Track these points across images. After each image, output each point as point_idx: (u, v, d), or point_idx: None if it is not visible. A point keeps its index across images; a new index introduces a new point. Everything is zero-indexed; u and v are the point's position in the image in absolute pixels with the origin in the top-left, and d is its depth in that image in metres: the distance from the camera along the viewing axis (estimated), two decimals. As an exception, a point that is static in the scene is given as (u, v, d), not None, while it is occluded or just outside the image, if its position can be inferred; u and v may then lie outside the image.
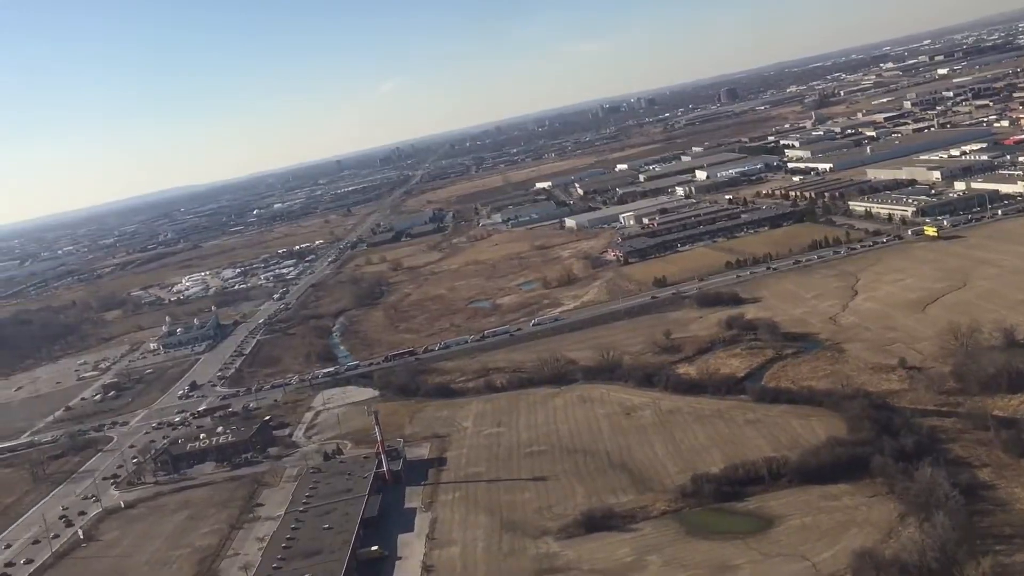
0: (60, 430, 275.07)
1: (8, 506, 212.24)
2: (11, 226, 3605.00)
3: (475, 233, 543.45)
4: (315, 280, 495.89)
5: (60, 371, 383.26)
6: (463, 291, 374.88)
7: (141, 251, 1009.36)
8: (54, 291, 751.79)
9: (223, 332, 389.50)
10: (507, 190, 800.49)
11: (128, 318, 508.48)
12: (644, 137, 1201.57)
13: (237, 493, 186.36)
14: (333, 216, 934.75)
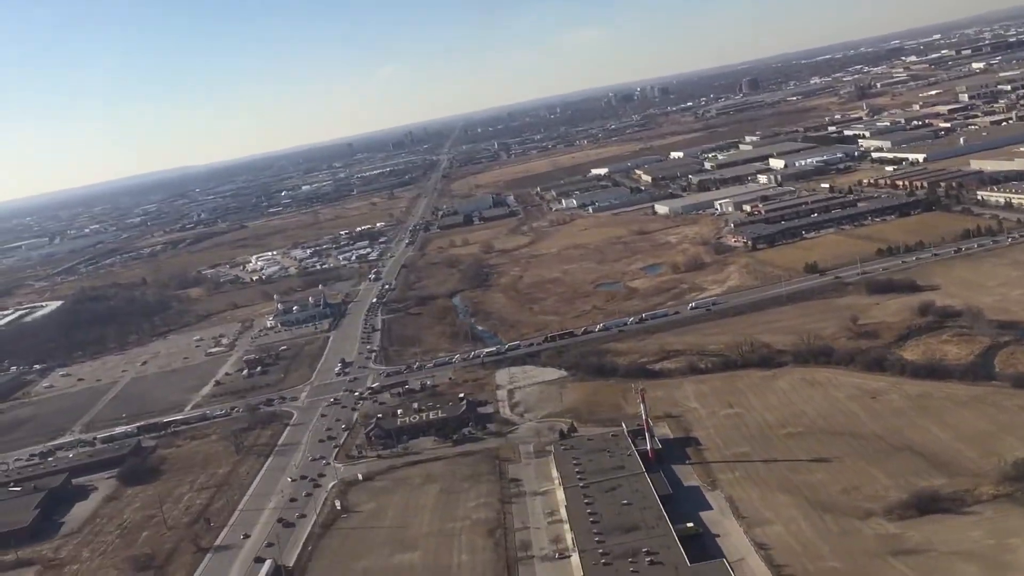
0: (224, 404, 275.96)
1: (226, 476, 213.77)
2: (10, 203, 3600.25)
3: (555, 218, 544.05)
4: (404, 261, 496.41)
5: (176, 346, 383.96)
6: (579, 274, 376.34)
7: (180, 230, 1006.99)
8: (109, 269, 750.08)
9: (336, 311, 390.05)
10: (557, 175, 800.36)
11: (212, 296, 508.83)
12: (677, 125, 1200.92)
13: (480, 468, 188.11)
14: (376, 199, 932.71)
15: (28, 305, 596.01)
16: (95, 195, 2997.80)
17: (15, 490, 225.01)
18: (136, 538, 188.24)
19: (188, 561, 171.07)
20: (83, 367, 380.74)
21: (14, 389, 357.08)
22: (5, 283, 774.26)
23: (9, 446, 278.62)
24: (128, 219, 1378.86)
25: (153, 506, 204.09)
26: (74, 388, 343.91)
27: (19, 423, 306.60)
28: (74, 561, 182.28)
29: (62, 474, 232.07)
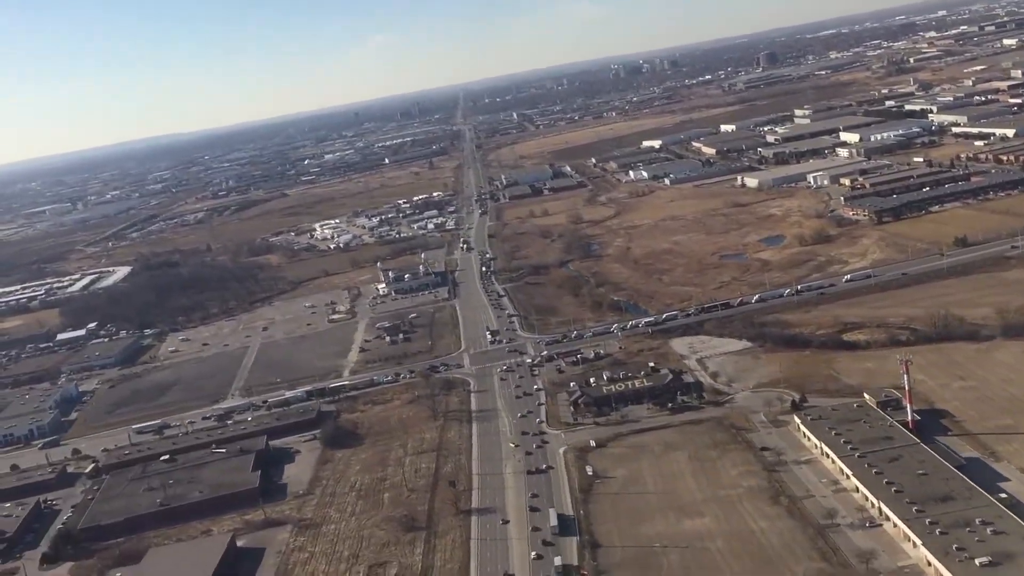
0: (385, 370, 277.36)
1: (437, 440, 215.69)
2: (3, 167, 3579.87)
3: (632, 189, 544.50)
4: (488, 231, 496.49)
5: (288, 312, 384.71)
6: (692, 245, 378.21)
7: (213, 198, 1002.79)
8: (160, 235, 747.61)
9: (445, 279, 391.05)
10: (603, 147, 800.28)
11: (292, 263, 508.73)
12: (706, 98, 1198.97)
13: (717, 436, 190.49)
14: (416, 168, 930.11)
15: (94, 270, 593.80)
16: (91, 160, 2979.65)
17: (220, 451, 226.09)
18: (378, 499, 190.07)
19: (455, 523, 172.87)
20: (198, 332, 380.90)
21: (138, 353, 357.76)
22: (55, 248, 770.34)
23: (172, 409, 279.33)
24: (148, 186, 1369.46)
25: (375, 469, 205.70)
26: (203, 353, 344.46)
27: (165, 386, 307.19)
28: (326, 521, 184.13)
29: (259, 436, 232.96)
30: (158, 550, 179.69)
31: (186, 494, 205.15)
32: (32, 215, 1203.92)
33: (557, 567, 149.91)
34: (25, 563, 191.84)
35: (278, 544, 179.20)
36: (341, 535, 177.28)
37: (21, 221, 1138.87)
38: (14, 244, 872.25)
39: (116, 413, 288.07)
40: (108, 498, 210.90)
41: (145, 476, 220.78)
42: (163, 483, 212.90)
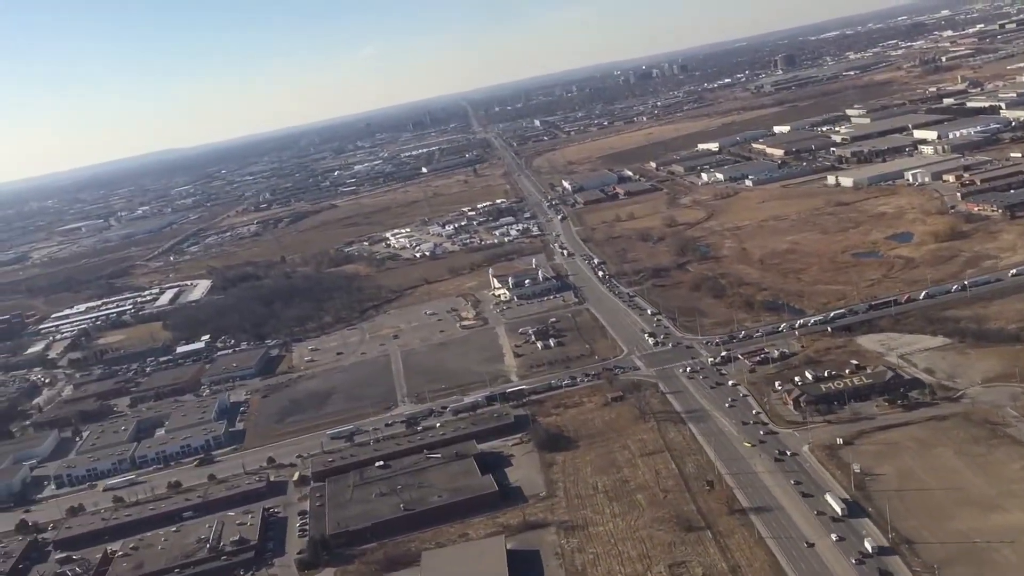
0: (553, 374, 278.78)
1: (660, 441, 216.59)
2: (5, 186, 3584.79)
3: (716, 191, 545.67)
4: (581, 236, 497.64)
5: (411, 320, 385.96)
6: (815, 245, 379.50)
7: (255, 210, 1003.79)
8: (222, 249, 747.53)
9: (564, 284, 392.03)
10: (653, 151, 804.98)
11: (381, 272, 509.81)
12: (737, 101, 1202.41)
13: (974, 432, 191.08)
14: (460, 177, 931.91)
15: (172, 284, 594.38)
16: (97, 177, 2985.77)
17: (435, 456, 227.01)
18: (632, 500, 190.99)
19: (734, 522, 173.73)
20: (321, 342, 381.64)
21: (273, 363, 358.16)
22: (112, 263, 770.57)
23: (345, 416, 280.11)
24: (177, 201, 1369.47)
25: (609, 471, 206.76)
26: (342, 362, 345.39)
27: (322, 395, 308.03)
28: (590, 523, 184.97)
29: (467, 441, 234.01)
30: (434, 553, 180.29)
31: (424, 498, 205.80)
32: (67, 232, 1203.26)
33: (873, 548, 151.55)
34: (280, 570, 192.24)
35: (549, 546, 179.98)
36: (617, 536, 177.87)
37: (59, 239, 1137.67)
38: (66, 261, 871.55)
39: (287, 422, 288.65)
40: (341, 504, 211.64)
41: (366, 482, 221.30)
42: (392, 488, 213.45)
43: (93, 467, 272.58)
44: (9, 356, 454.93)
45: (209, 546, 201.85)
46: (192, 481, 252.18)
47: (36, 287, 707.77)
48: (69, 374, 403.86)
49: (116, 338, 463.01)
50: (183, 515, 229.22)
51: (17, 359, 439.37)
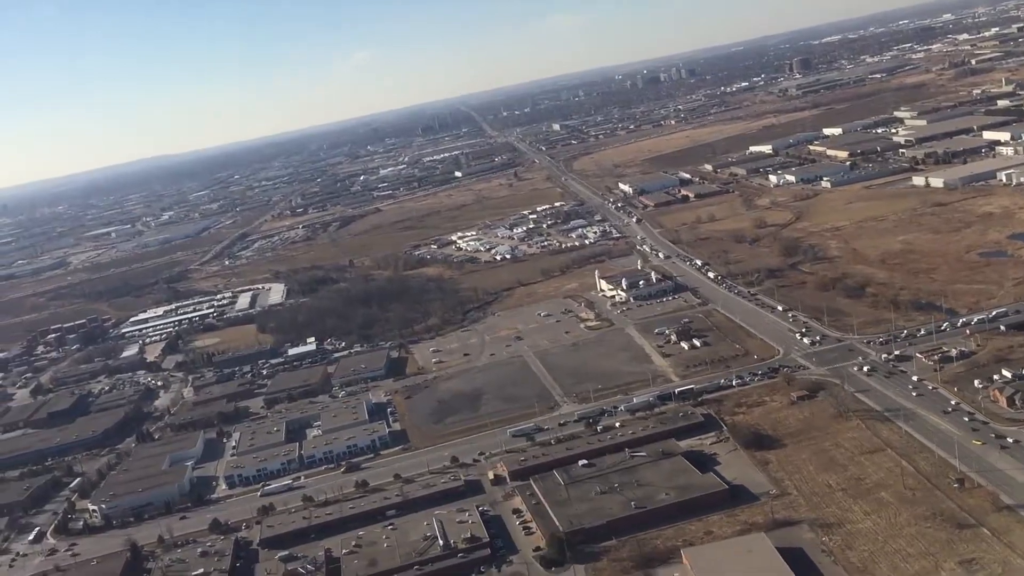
0: (715, 373, 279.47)
1: (877, 439, 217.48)
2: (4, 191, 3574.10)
3: (795, 193, 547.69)
4: (668, 239, 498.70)
5: (526, 320, 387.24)
6: (929, 244, 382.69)
7: (292, 215, 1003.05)
8: (278, 253, 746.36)
9: (678, 285, 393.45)
10: (699, 153, 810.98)
11: (466, 275, 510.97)
12: (765, 104, 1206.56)
13: None
14: (501, 180, 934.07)
15: (245, 288, 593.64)
16: (96, 183, 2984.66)
17: (640, 454, 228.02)
18: (877, 498, 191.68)
19: (1006, 520, 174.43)
20: (438, 344, 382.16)
21: (398, 364, 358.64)
22: (167, 267, 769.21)
23: (507, 417, 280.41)
24: (202, 206, 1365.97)
25: (835, 468, 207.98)
26: (473, 363, 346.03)
27: (473, 395, 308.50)
28: (843, 521, 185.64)
29: (665, 439, 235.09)
30: (697, 551, 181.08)
31: (651, 496, 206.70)
32: (97, 237, 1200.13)
33: None
34: (521, 567, 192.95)
35: (809, 543, 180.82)
36: (882, 533, 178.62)
37: (89, 244, 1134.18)
38: (110, 266, 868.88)
39: (446, 422, 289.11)
40: (561, 502, 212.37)
41: (575, 480, 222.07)
42: (609, 486, 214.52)
43: (263, 467, 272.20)
44: (105, 360, 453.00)
45: (442, 543, 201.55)
46: (373, 482, 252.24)
47: (93, 292, 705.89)
48: (180, 377, 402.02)
49: (211, 341, 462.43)
50: (385, 513, 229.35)
51: (117, 363, 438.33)
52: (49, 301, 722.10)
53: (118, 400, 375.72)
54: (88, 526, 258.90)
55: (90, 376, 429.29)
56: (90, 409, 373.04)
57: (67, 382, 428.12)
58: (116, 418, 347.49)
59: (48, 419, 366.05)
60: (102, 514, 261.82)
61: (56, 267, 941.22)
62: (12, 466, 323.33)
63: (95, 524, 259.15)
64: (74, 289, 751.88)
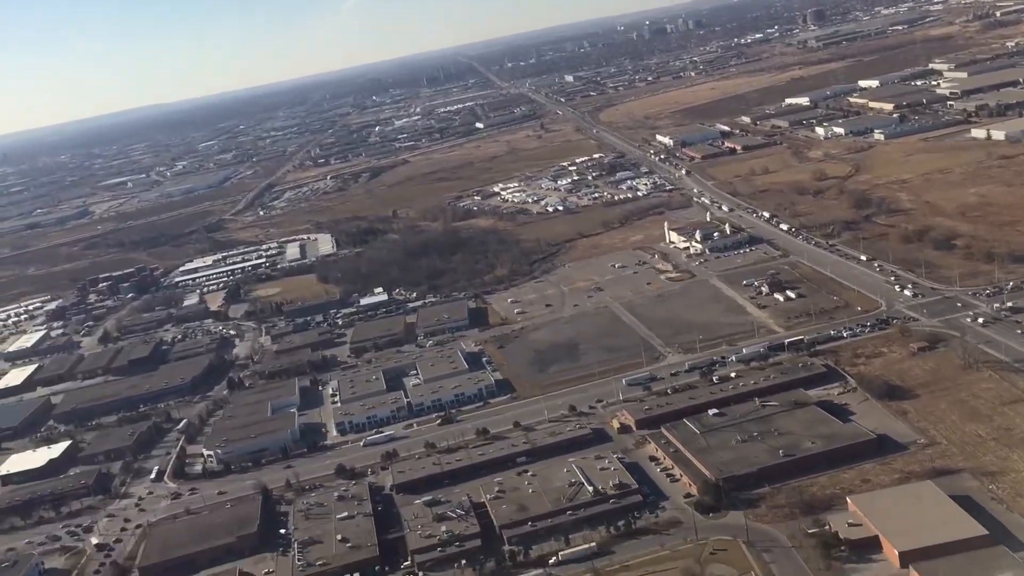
0: (817, 325, 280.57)
1: (1012, 392, 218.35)
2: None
3: (848, 146, 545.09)
4: (725, 191, 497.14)
5: (600, 272, 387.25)
6: (1004, 197, 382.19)
7: (316, 166, 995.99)
8: (313, 204, 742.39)
9: (752, 237, 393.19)
10: (729, 105, 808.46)
11: (521, 227, 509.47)
12: (786, 57, 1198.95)
13: None
14: (527, 132, 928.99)
15: (292, 239, 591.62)
16: (85, 132, 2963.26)
17: (771, 404, 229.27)
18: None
19: None
20: (516, 294, 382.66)
21: (480, 316, 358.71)
22: (197, 217, 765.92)
23: (614, 367, 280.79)
24: (215, 156, 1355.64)
25: (982, 419, 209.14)
26: (557, 314, 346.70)
27: (568, 345, 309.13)
28: (1008, 470, 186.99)
29: (794, 390, 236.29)
30: (865, 497, 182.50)
31: (796, 445, 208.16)
32: (113, 187, 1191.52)
33: None
34: (674, 512, 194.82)
35: (976, 492, 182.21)
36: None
37: (107, 194, 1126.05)
38: (136, 216, 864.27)
39: (550, 372, 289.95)
40: (702, 450, 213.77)
41: (710, 429, 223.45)
42: (748, 435, 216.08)
43: (372, 414, 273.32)
44: (167, 309, 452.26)
45: (591, 490, 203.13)
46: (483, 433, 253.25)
47: (128, 241, 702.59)
48: (251, 326, 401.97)
49: (272, 291, 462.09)
50: (516, 460, 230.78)
51: (181, 312, 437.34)
52: (83, 251, 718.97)
53: (195, 348, 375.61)
54: (207, 471, 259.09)
55: (156, 325, 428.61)
56: (168, 357, 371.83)
57: (134, 330, 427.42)
58: (201, 366, 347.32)
59: (129, 367, 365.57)
60: (218, 459, 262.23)
61: (79, 216, 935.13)
62: (105, 412, 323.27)
63: (214, 469, 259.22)
64: (106, 238, 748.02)
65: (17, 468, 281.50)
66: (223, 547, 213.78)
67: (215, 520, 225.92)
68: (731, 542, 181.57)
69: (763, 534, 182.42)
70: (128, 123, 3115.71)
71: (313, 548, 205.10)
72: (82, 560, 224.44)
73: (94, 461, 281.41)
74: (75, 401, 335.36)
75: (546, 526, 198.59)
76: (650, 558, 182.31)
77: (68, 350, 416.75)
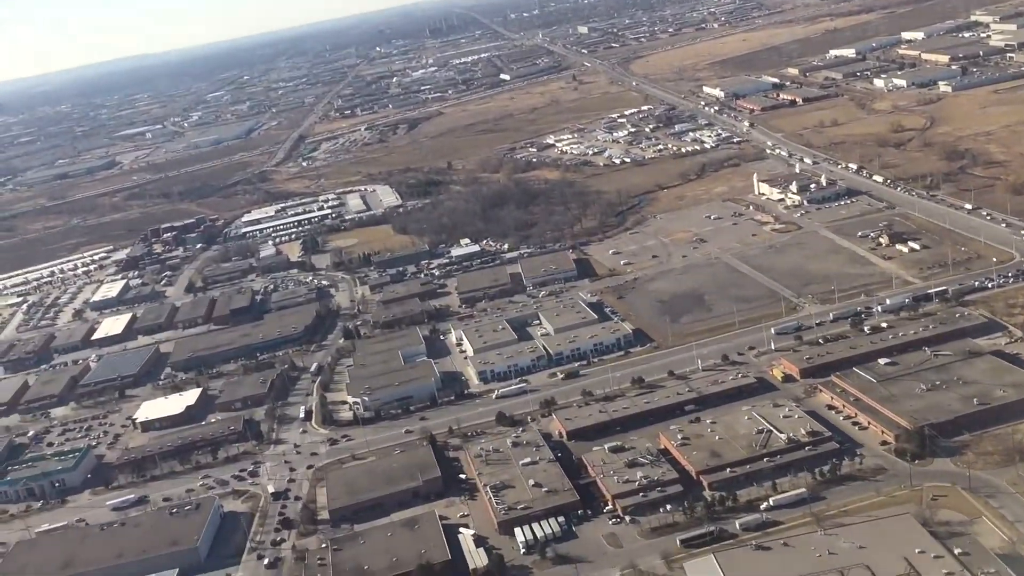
0: (948, 277, 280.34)
1: None
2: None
3: (918, 97, 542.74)
4: (799, 143, 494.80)
5: (692, 225, 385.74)
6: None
7: (343, 117, 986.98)
8: (356, 155, 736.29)
9: (847, 190, 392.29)
10: (764, 57, 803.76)
11: (589, 179, 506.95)
12: (812, 8, 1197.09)
13: None
14: (559, 84, 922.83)
15: (350, 190, 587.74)
16: (76, 82, 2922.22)
17: (944, 353, 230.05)
18: None
19: None
20: (615, 246, 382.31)
21: (584, 267, 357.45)
22: (235, 169, 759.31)
23: (749, 317, 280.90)
24: (230, 107, 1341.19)
25: None
26: (671, 265, 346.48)
27: (694, 296, 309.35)
28: None
29: (963, 339, 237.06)
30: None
31: (988, 394, 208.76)
32: (131, 138, 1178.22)
33: None
34: (874, 459, 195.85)
35: None
36: None
37: (128, 145, 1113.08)
38: (167, 167, 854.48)
39: (683, 322, 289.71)
40: (887, 399, 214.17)
41: (885, 378, 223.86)
42: (931, 384, 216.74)
43: (512, 363, 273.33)
44: (245, 259, 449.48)
45: (786, 437, 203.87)
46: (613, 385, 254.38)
47: (172, 192, 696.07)
48: (340, 277, 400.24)
49: (348, 241, 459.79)
50: (684, 408, 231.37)
51: (266, 262, 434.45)
52: (126, 201, 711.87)
53: (294, 298, 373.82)
54: (358, 418, 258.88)
55: (241, 275, 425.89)
56: (269, 307, 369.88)
57: (218, 280, 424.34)
58: (309, 315, 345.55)
59: (231, 316, 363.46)
60: (364, 406, 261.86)
61: (107, 167, 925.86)
62: (223, 360, 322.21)
63: (363, 416, 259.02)
64: (146, 189, 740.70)
65: (155, 415, 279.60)
66: (410, 491, 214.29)
67: (392, 465, 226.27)
68: (949, 488, 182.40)
69: (980, 480, 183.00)
70: (119, 73, 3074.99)
71: (506, 493, 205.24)
72: (260, 503, 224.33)
73: (231, 408, 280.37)
74: (189, 349, 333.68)
75: (745, 472, 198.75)
76: (867, 504, 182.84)
77: (156, 300, 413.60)
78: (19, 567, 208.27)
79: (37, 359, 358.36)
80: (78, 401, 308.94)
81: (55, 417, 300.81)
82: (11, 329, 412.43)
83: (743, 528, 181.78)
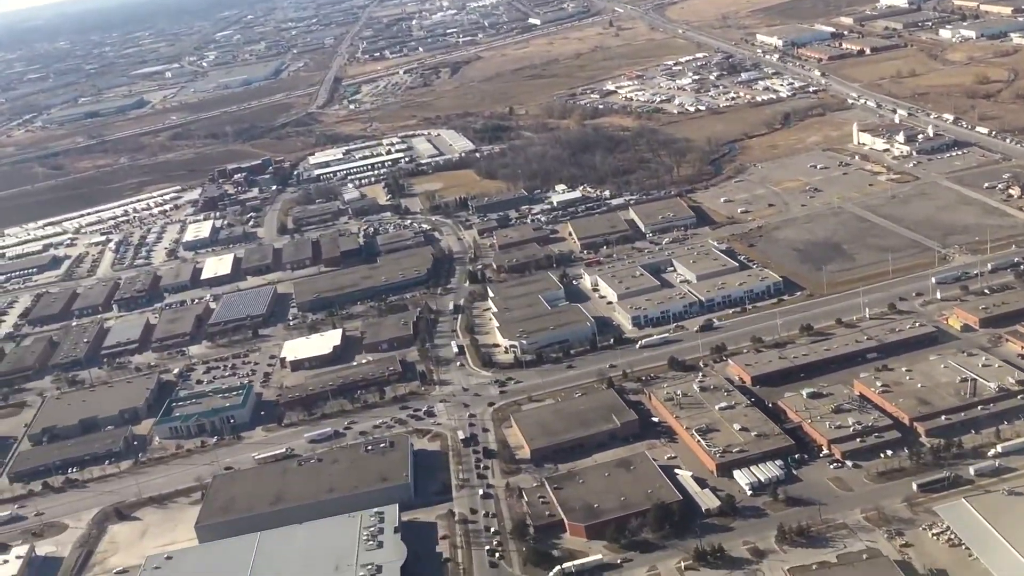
0: None
1: None
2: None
3: (993, 48, 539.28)
4: (879, 93, 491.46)
5: (799, 174, 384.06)
6: None
7: (373, 60, 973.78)
8: (405, 99, 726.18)
9: (954, 141, 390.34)
10: (807, 6, 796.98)
11: (667, 126, 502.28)
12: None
13: None
14: (596, 30, 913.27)
15: (412, 133, 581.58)
16: (69, 16, 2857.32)
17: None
18: None
19: None
20: (722, 193, 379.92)
21: (699, 214, 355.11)
22: (279, 111, 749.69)
23: (900, 267, 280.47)
24: (248, 47, 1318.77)
25: None
26: (790, 214, 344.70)
27: (829, 244, 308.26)
28: None
29: None
30: None
31: None
32: (150, 77, 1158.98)
33: None
34: None
35: None
36: None
37: (150, 84, 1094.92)
38: (202, 108, 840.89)
39: (828, 271, 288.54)
40: None
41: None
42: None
43: (665, 308, 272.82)
44: (330, 200, 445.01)
45: (996, 386, 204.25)
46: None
47: (220, 132, 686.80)
48: (440, 220, 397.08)
49: (435, 185, 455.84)
50: (866, 356, 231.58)
51: (357, 205, 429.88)
52: (171, 141, 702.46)
53: (402, 241, 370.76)
54: (520, 361, 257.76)
55: (332, 217, 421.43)
56: (378, 250, 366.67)
57: (310, 222, 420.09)
58: (426, 258, 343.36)
59: (342, 258, 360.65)
60: (522, 349, 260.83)
61: (137, 106, 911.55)
62: (349, 301, 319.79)
63: (525, 359, 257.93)
64: (189, 130, 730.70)
65: (303, 355, 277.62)
66: (607, 432, 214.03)
67: (579, 407, 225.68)
68: None
69: None
70: (111, 9, 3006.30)
71: (713, 436, 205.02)
72: (448, 442, 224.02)
73: (378, 349, 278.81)
74: (311, 291, 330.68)
75: (960, 420, 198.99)
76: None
77: (250, 241, 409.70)
78: (225, 501, 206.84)
79: (149, 298, 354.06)
80: (211, 340, 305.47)
81: (193, 356, 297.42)
82: (105, 267, 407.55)
83: (977, 474, 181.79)
